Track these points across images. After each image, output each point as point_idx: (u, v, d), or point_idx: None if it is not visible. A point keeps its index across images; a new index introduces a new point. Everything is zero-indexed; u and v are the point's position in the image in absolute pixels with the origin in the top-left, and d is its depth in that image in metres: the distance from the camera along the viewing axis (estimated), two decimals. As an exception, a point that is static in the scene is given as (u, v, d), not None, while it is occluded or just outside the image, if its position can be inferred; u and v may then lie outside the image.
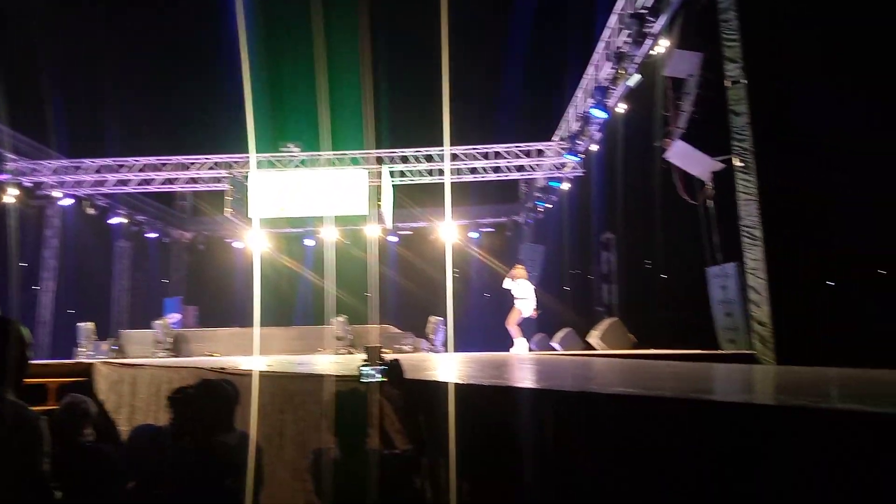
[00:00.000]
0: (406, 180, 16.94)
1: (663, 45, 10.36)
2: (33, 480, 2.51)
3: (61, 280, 17.30)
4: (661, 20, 10.29)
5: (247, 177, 16.12)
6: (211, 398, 3.24)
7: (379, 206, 15.99)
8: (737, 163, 8.23)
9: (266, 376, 4.67)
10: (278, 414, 4.33)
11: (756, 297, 7.90)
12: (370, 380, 3.20)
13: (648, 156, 10.90)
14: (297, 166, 16.59)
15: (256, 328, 11.29)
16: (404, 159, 16.57)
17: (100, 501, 3.38)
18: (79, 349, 14.04)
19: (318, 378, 4.25)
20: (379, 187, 16.01)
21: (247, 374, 4.79)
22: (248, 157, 16.22)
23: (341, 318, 13.25)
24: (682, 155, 9.36)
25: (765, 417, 2.04)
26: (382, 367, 3.22)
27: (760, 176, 7.95)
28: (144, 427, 3.57)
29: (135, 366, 7.14)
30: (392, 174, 16.55)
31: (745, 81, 8.18)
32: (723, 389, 3.30)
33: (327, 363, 6.54)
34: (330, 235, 18.06)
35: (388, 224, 17.14)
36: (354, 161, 16.64)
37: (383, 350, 3.34)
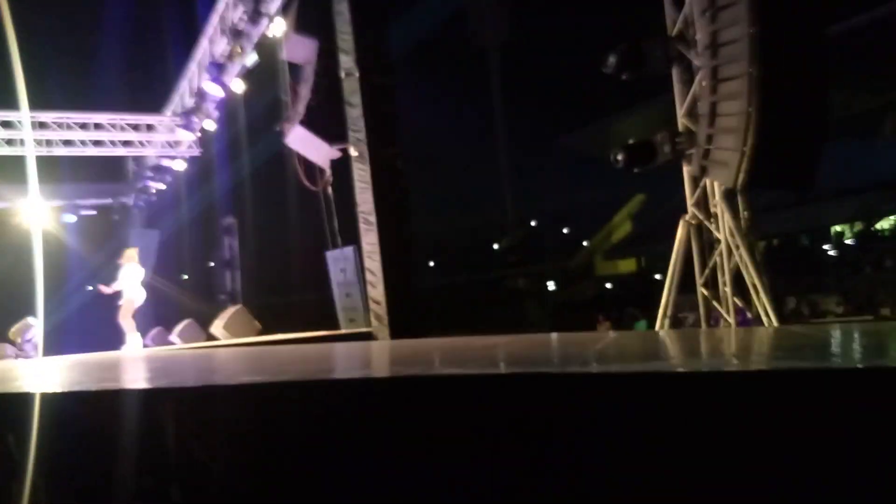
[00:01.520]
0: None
1: (280, 27, 10.30)
2: None
3: None
4: (277, 0, 10.23)
5: None
6: None
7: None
8: (353, 152, 8.73)
9: None
10: None
11: (372, 278, 8.53)
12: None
13: (270, 139, 10.87)
14: None
15: None
16: (-29, 124, 13.45)
17: None
18: None
19: None
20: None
21: None
22: None
23: None
24: (301, 141, 9.54)
25: (382, 390, 2.16)
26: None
27: (374, 165, 8.57)
28: None
29: None
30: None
31: (358, 74, 8.67)
32: (343, 367, 3.44)
33: None
34: None
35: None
36: None
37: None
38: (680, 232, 6.48)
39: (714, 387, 1.74)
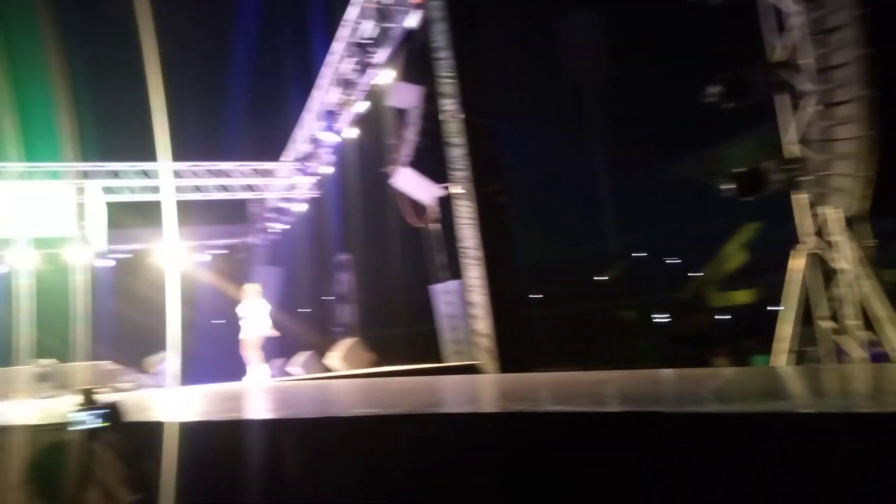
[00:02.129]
0: (121, 198, 15.32)
1: (387, 76, 10.90)
2: None
3: None
4: (384, 52, 10.83)
5: None
6: None
7: (83, 226, 14.21)
8: (456, 190, 8.99)
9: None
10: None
11: (476, 311, 8.67)
12: (82, 426, 2.82)
13: (379, 180, 11.36)
14: (-22, 180, 14.00)
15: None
16: (116, 174, 14.98)
17: None
18: None
19: (12, 430, 3.62)
20: (84, 205, 14.22)
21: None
22: None
23: (47, 361, 11.45)
24: (407, 181, 9.94)
25: (491, 424, 2.26)
26: (98, 410, 2.86)
27: (477, 202, 8.77)
28: None
29: None
30: (106, 191, 14.84)
31: (461, 116, 8.96)
32: (453, 401, 3.57)
33: (25, 410, 5.61)
34: (23, 261, 15.50)
35: (100, 246, 15.30)
36: (53, 175, 14.58)
37: (98, 391, 2.97)
38: (793, 262, 6.18)
39: (847, 429, 1.57)
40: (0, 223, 13.59)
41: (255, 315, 10.93)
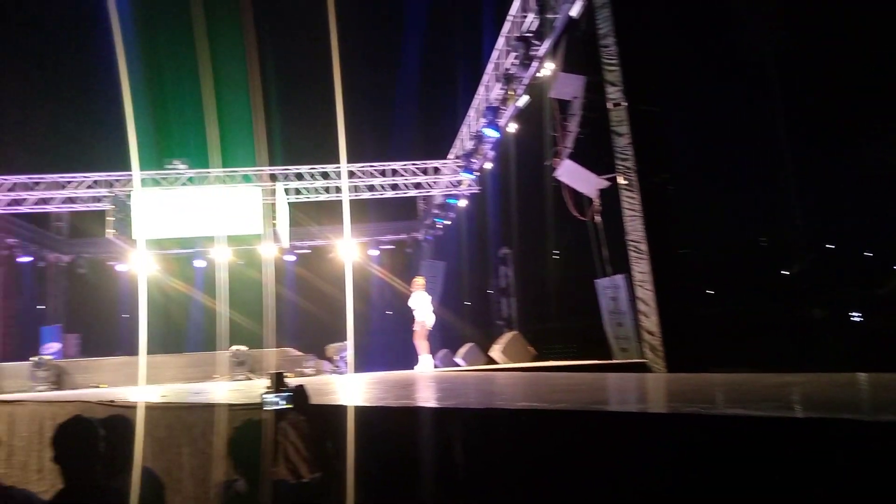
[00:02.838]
0: (301, 198, 16.65)
1: (549, 68, 10.81)
2: None
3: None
4: (546, 44, 10.75)
5: (130, 196, 15.27)
6: (87, 441, 3.00)
7: (274, 224, 15.61)
8: (621, 181, 8.70)
9: (161, 408, 4.44)
10: (176, 447, 4.12)
11: (644, 307, 8.35)
12: (274, 407, 3.10)
13: (540, 174, 11.31)
14: (184, 184, 15.90)
15: (143, 356, 10.66)
16: (299, 176, 16.29)
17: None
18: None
19: (217, 408, 4.09)
20: (273, 205, 15.63)
21: (138, 406, 4.52)
22: (130, 175, 15.38)
23: (241, 347, 12.78)
24: (570, 173, 9.78)
25: (659, 425, 2.17)
26: (286, 393, 3.12)
27: (643, 193, 8.44)
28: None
29: (11, 402, 6.57)
30: (287, 191, 16.21)
31: (626, 104, 8.67)
32: (618, 399, 3.48)
33: (225, 391, 6.29)
34: (222, 256, 17.40)
35: (285, 243, 16.76)
36: (246, 178, 16.17)
37: (286, 375, 3.25)
38: None
39: None
40: (200, 223, 15.30)
41: (424, 307, 11.39)
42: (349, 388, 5.70)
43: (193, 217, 15.19)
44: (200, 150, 15.34)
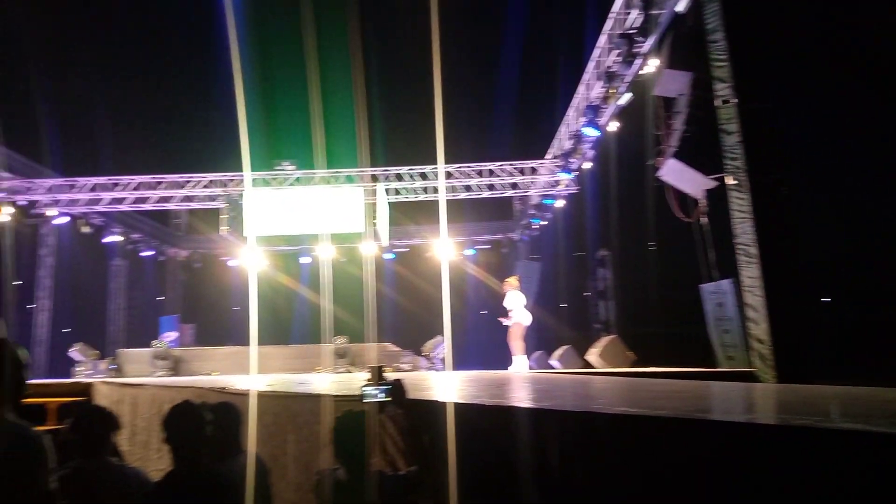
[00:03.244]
0: (401, 198, 17.01)
1: (653, 65, 10.50)
2: (38, 499, 2.50)
3: (57, 299, 17.23)
4: (650, 40, 10.44)
5: (242, 195, 16.15)
6: (194, 424, 3.19)
7: (374, 223, 16.04)
8: (730, 181, 8.32)
9: (269, 396, 4.68)
10: (282, 434, 4.33)
11: (754, 314, 7.95)
12: (373, 399, 3.19)
13: (641, 173, 11.00)
14: (291, 184, 16.63)
15: (254, 347, 11.24)
16: (399, 177, 16.65)
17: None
18: (77, 368, 13.97)
19: (320, 398, 4.26)
20: (374, 205, 16.07)
21: (247, 394, 4.79)
22: (242, 176, 16.25)
23: (341, 339, 13.25)
24: (675, 173, 9.45)
25: (768, 437, 2.08)
26: (385, 386, 3.21)
27: (754, 194, 8.03)
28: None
29: (135, 385, 7.13)
30: (387, 192, 16.62)
31: (735, 100, 8.28)
32: (723, 409, 3.34)
33: (328, 382, 6.55)
34: (325, 253, 18.08)
35: (384, 241, 17.18)
36: (349, 179, 16.71)
37: (385, 369, 3.34)
38: None
39: None
40: (306, 221, 15.95)
41: (519, 307, 11.37)
42: (444, 384, 5.78)
43: (300, 216, 15.86)
44: (307, 151, 16.02)
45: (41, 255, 17.36)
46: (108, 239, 18.40)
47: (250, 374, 9.93)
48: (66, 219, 16.89)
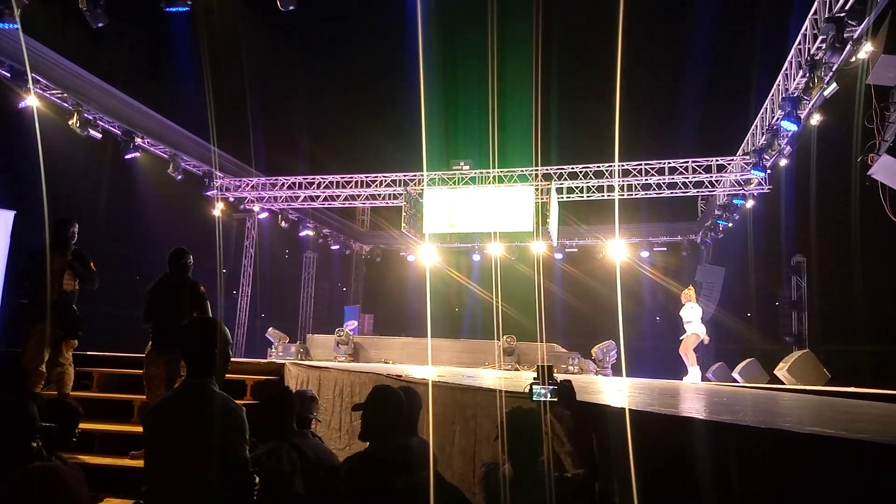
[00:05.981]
0: (574, 197, 16.76)
1: (866, 50, 9.35)
2: (237, 464, 2.82)
3: (255, 286, 19.24)
4: (864, 24, 9.30)
5: (421, 194, 16.85)
6: (395, 404, 3.42)
7: (546, 222, 15.97)
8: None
9: (439, 387, 4.84)
10: (449, 424, 4.46)
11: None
12: (541, 398, 3.18)
13: (847, 171, 9.88)
14: (466, 183, 17.06)
15: (429, 339, 11.73)
16: (572, 175, 16.42)
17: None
18: (271, 350, 15.54)
19: (489, 392, 4.33)
20: (545, 204, 15.99)
21: (422, 383, 5.00)
22: (421, 175, 16.95)
23: (509, 337, 13.39)
24: (889, 171, 8.38)
25: None
26: (553, 386, 3.19)
27: None
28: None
29: (320, 368, 7.72)
30: (559, 191, 16.46)
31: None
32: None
33: (495, 378, 6.64)
34: (496, 251, 18.35)
35: (555, 241, 17.05)
36: (522, 178, 16.78)
37: (553, 369, 3.31)
38: None
39: None
40: (479, 219, 16.28)
41: (696, 320, 10.77)
42: (613, 389, 5.61)
43: (473, 214, 16.24)
44: (483, 151, 16.38)
45: (245, 245, 19.45)
46: (302, 233, 20.16)
47: (426, 364, 10.37)
48: (266, 214, 18.76)
